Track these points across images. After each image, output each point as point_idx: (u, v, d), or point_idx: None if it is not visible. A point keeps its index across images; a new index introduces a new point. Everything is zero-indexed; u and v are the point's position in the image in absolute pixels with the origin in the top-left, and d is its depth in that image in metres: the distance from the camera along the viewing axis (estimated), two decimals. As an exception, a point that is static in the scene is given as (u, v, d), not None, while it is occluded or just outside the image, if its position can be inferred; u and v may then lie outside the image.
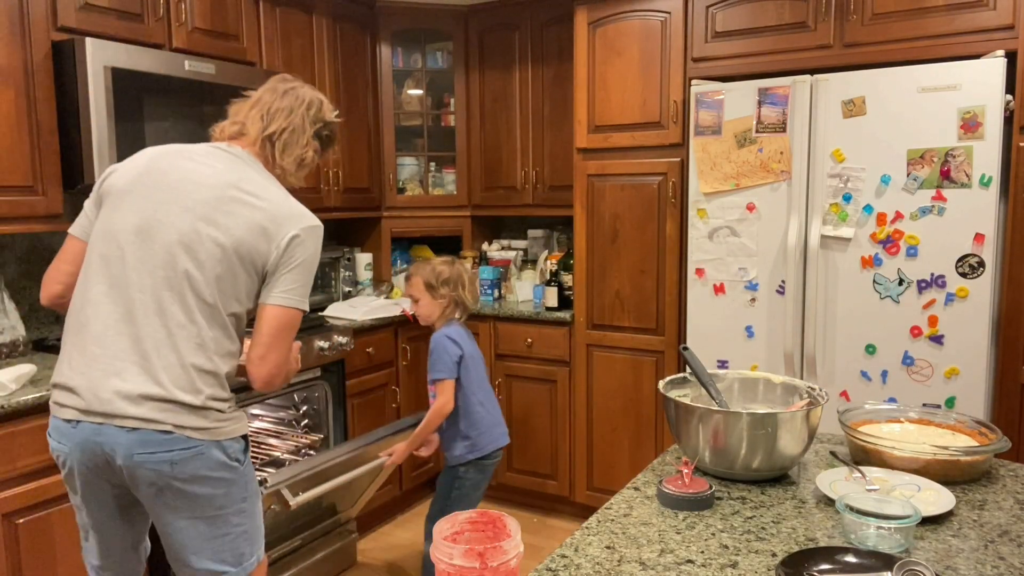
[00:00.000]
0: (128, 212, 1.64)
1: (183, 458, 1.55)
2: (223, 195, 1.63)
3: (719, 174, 2.89)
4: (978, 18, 2.50)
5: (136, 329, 1.56)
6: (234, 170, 1.69)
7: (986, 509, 1.32)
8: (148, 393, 1.53)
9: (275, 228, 1.63)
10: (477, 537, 0.94)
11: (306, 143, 1.79)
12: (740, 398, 1.67)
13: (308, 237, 1.67)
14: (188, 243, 1.59)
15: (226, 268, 1.60)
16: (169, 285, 1.57)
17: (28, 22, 2.29)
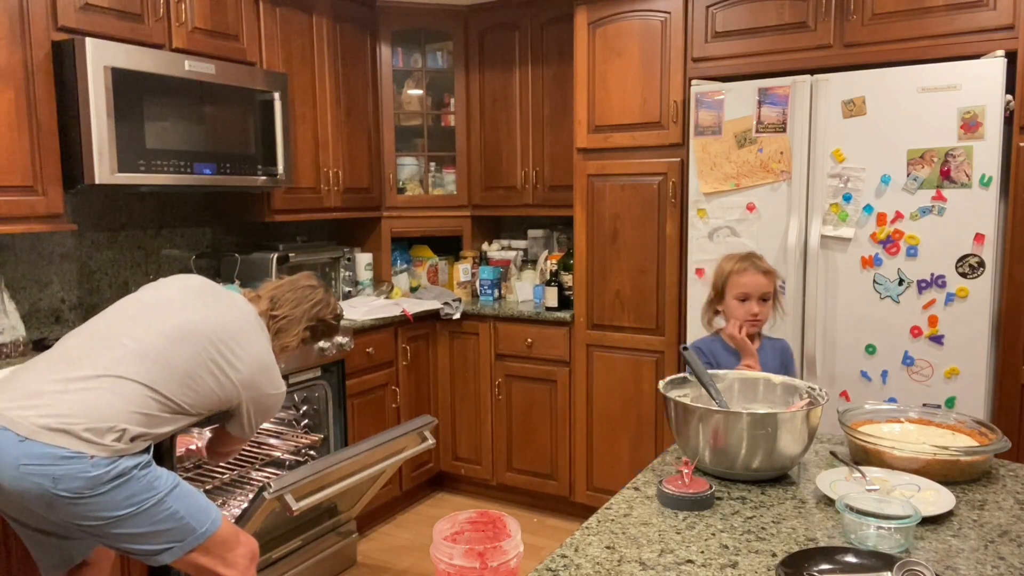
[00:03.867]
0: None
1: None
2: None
3: (719, 174, 2.89)
4: (978, 18, 2.50)
5: None
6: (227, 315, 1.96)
7: (986, 509, 1.32)
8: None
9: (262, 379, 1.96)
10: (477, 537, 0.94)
11: (296, 333, 2.05)
12: (740, 398, 1.67)
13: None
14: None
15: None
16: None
17: (28, 22, 2.29)
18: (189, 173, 2.65)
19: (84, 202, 2.82)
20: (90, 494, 1.64)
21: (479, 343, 3.65)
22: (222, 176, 2.77)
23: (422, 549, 3.24)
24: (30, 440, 1.62)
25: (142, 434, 1.72)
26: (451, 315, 3.64)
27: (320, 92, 3.39)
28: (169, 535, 1.73)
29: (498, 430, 3.67)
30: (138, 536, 1.71)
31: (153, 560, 1.74)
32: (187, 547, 1.75)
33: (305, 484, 2.36)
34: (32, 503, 1.65)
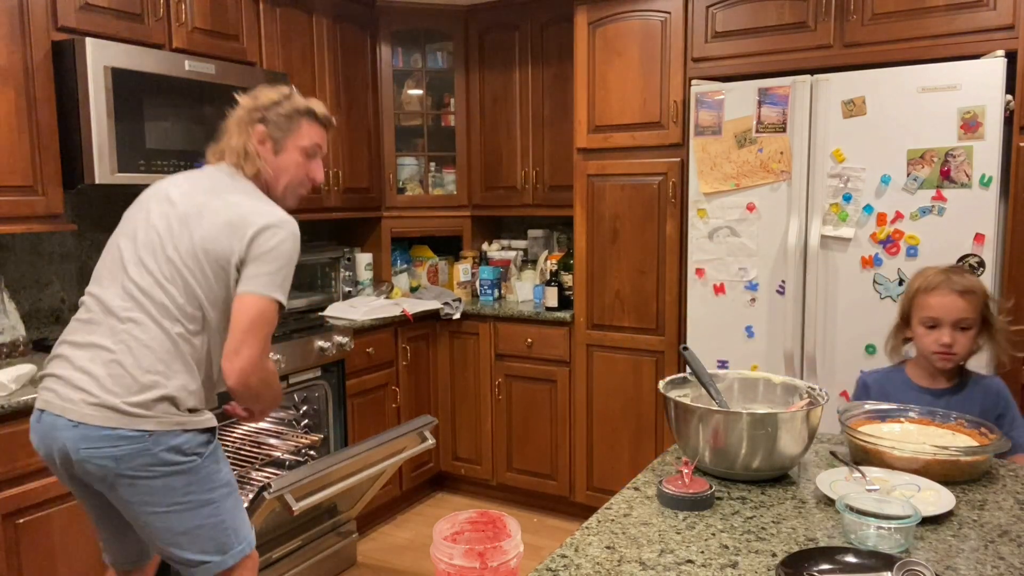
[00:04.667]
0: None
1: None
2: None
3: (719, 174, 2.89)
4: (978, 18, 2.50)
5: None
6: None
7: (986, 509, 1.32)
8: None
9: (242, 224, 1.72)
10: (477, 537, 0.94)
11: (242, 133, 1.82)
12: (740, 398, 1.67)
13: (275, 229, 1.73)
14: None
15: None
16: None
17: (28, 22, 2.29)
18: (189, 173, 2.65)
19: (84, 202, 2.82)
20: (147, 475, 1.62)
21: (479, 343, 3.65)
22: (222, 176, 2.77)
23: (422, 549, 3.24)
24: (82, 424, 1.61)
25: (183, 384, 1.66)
26: (451, 315, 3.64)
27: (320, 92, 3.39)
28: (210, 543, 1.69)
29: (498, 430, 3.67)
30: (183, 537, 1.67)
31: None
32: (224, 564, 1.71)
33: (305, 484, 2.36)
34: (99, 486, 1.65)
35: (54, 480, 2.10)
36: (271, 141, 1.81)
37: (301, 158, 1.84)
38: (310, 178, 1.88)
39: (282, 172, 1.83)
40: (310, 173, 1.88)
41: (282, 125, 1.82)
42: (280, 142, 1.82)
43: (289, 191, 1.86)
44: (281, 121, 1.81)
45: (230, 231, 1.68)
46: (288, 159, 1.83)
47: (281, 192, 1.84)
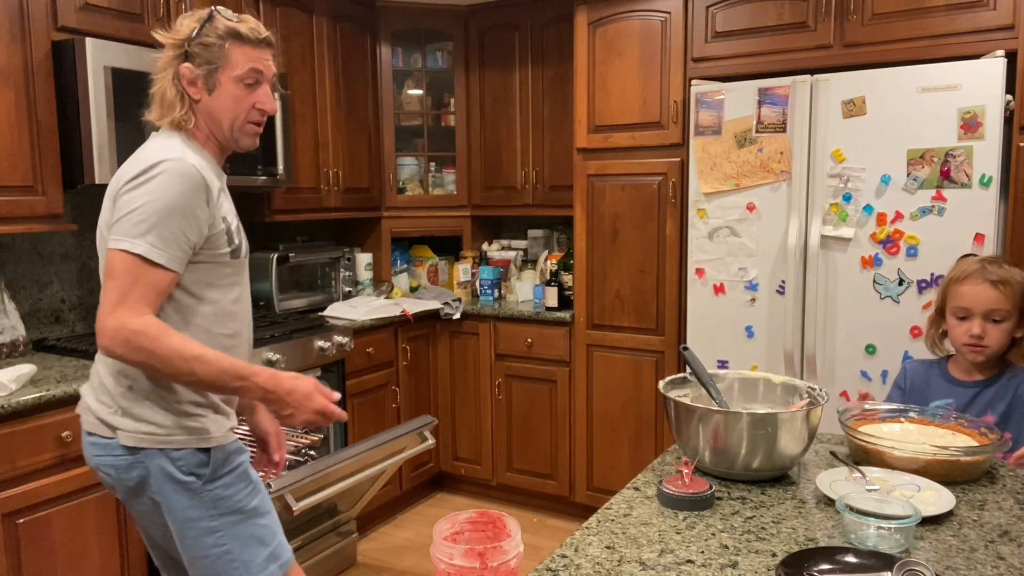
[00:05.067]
0: None
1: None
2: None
3: (719, 174, 2.89)
4: (978, 18, 2.50)
5: None
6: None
7: (986, 509, 1.32)
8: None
9: (120, 178, 1.49)
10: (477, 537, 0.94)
11: (161, 79, 1.56)
12: (740, 398, 1.67)
13: (143, 176, 1.45)
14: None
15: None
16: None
17: (28, 22, 2.29)
18: (189, 173, 2.65)
19: (84, 202, 2.82)
20: (146, 490, 1.52)
21: (479, 343, 3.65)
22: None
23: (422, 549, 3.24)
24: (86, 432, 1.58)
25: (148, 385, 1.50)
26: (451, 315, 3.64)
27: (320, 92, 3.39)
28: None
29: (498, 430, 3.67)
30: (191, 567, 1.56)
31: None
32: None
33: (305, 484, 2.36)
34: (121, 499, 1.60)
35: (54, 480, 2.10)
36: (201, 79, 1.54)
37: (240, 91, 1.57)
38: (258, 109, 1.62)
39: (222, 112, 1.57)
40: (257, 103, 1.61)
41: (208, 57, 1.54)
42: (211, 78, 1.55)
43: (237, 131, 1.60)
44: (206, 53, 1.53)
45: (109, 201, 1.50)
46: (224, 95, 1.56)
47: (228, 134, 1.60)
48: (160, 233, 1.41)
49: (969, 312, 1.75)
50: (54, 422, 2.09)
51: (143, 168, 1.44)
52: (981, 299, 1.73)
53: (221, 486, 1.54)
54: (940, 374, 1.85)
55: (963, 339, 1.76)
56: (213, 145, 1.61)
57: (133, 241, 1.40)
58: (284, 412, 1.51)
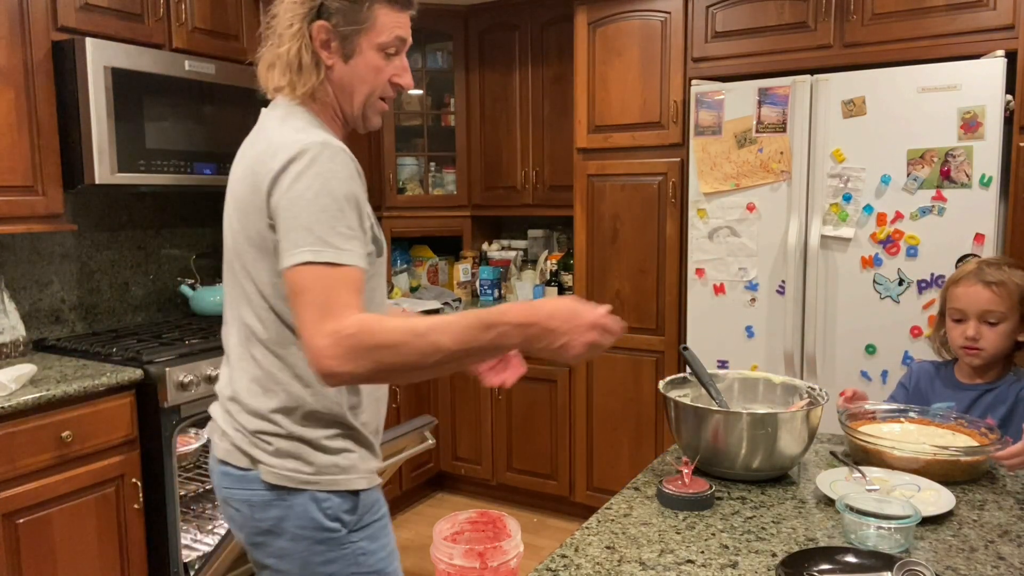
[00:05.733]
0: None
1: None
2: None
3: (719, 174, 2.89)
4: (978, 18, 2.50)
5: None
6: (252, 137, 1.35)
7: (986, 509, 1.32)
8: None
9: (261, 171, 1.24)
10: (477, 537, 0.94)
11: (291, 38, 1.30)
12: (740, 398, 1.67)
13: (295, 166, 1.20)
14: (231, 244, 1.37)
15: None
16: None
17: (28, 22, 2.29)
18: (189, 173, 2.65)
19: (84, 202, 2.82)
20: (279, 535, 1.29)
21: (479, 343, 3.64)
22: (222, 176, 2.76)
23: (422, 549, 3.24)
24: (217, 459, 1.36)
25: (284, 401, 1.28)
26: (451, 315, 3.63)
27: (320, 92, 3.38)
28: None
29: (498, 430, 3.66)
30: None
31: None
32: None
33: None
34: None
35: (54, 480, 2.10)
36: (338, 41, 1.30)
37: (380, 60, 1.34)
38: (394, 84, 1.38)
39: (358, 83, 1.34)
40: (394, 78, 1.38)
41: (351, 16, 1.30)
42: (351, 41, 1.31)
43: (369, 107, 1.37)
44: (348, 11, 1.29)
45: (251, 191, 1.25)
46: (363, 64, 1.33)
47: (358, 111, 1.37)
48: (338, 231, 1.17)
49: (964, 314, 1.74)
50: (54, 422, 2.09)
51: (291, 157, 1.19)
52: (975, 300, 1.71)
53: (366, 538, 1.32)
54: (945, 376, 1.84)
55: (959, 341, 1.75)
56: (339, 123, 1.38)
57: (315, 250, 1.15)
58: (556, 344, 1.13)
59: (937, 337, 1.87)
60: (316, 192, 1.17)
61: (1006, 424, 1.74)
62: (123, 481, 2.28)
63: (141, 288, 3.05)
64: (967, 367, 1.80)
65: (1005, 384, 1.75)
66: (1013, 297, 1.69)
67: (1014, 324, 1.70)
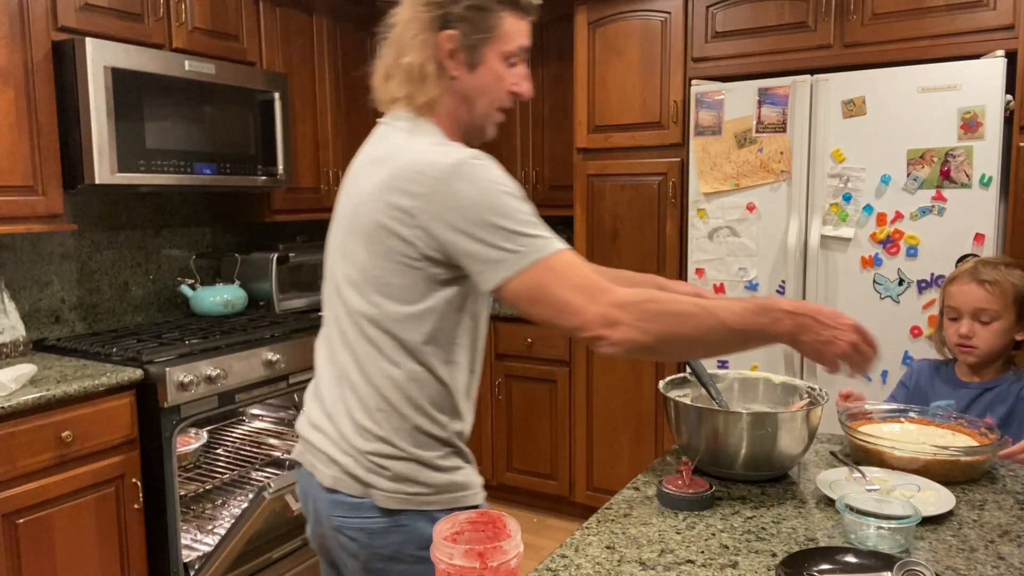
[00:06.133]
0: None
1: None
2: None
3: (719, 174, 2.89)
4: (978, 18, 2.50)
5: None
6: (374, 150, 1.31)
7: (986, 509, 1.32)
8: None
9: (411, 190, 1.18)
10: (477, 537, 0.93)
11: (416, 48, 1.26)
12: (740, 398, 1.67)
13: (459, 182, 1.16)
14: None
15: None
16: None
17: (28, 22, 2.29)
18: (189, 173, 2.65)
19: (84, 202, 2.82)
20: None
21: (479, 343, 3.65)
22: (222, 176, 2.77)
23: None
24: (323, 488, 1.29)
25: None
26: (451, 315, 3.63)
27: (320, 92, 3.39)
28: None
29: (498, 430, 3.66)
30: None
31: None
32: None
33: (305, 484, 2.35)
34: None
35: (54, 480, 2.10)
36: (464, 51, 1.26)
37: (504, 69, 1.29)
38: (513, 93, 1.32)
39: (480, 94, 1.29)
40: (513, 87, 1.31)
41: (478, 24, 1.25)
42: (477, 50, 1.26)
43: (488, 118, 1.33)
44: (477, 20, 1.25)
45: (390, 214, 1.19)
46: (487, 74, 1.28)
47: (479, 121, 1.32)
48: (535, 223, 1.16)
49: (958, 312, 1.75)
50: (54, 422, 2.09)
51: (448, 173, 1.15)
52: (969, 299, 1.73)
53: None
54: (945, 374, 1.84)
55: (954, 339, 1.77)
56: (459, 135, 1.31)
57: (530, 248, 1.14)
58: (823, 337, 1.16)
59: (938, 336, 1.88)
60: (495, 197, 1.15)
61: (1006, 423, 1.74)
62: (123, 481, 2.28)
63: (141, 288, 3.05)
64: (965, 365, 1.81)
65: (1005, 383, 1.76)
66: (1007, 296, 1.70)
67: (1009, 323, 1.72)
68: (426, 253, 1.18)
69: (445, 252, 1.17)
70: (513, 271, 1.13)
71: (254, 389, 2.62)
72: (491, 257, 1.14)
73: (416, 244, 1.18)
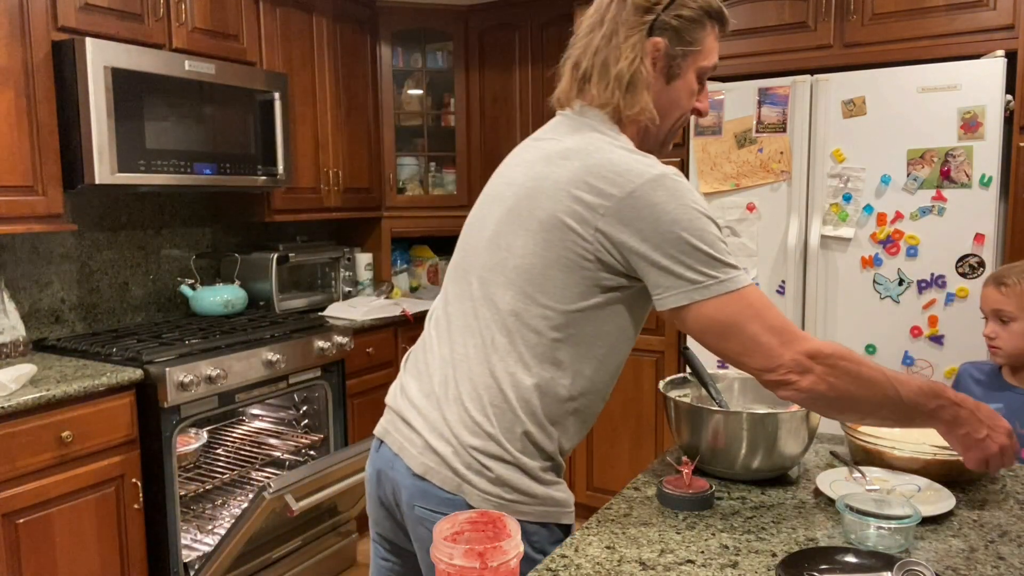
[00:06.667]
0: None
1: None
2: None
3: (719, 174, 2.89)
4: (978, 18, 2.50)
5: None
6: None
7: (986, 509, 1.32)
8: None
9: (603, 190, 1.15)
10: (477, 537, 0.93)
11: (629, 50, 1.20)
12: (740, 398, 1.67)
13: (660, 194, 1.12)
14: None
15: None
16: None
17: (28, 22, 2.29)
18: (189, 173, 2.65)
19: (84, 202, 2.82)
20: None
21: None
22: (222, 176, 2.77)
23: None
24: (414, 474, 1.23)
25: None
26: (451, 315, 3.63)
27: (320, 92, 3.39)
28: None
29: (498, 430, 3.66)
30: None
31: None
32: None
33: (305, 484, 2.36)
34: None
35: (54, 480, 2.10)
36: (666, 61, 1.22)
37: (696, 84, 1.26)
38: (695, 110, 1.30)
39: (672, 106, 1.26)
40: (700, 104, 1.29)
41: (686, 35, 1.22)
42: (678, 62, 1.23)
43: (672, 134, 1.30)
44: (685, 30, 1.21)
45: (571, 210, 1.16)
46: (683, 88, 1.25)
47: (664, 135, 1.29)
48: (729, 252, 1.15)
49: (984, 313, 1.82)
50: (54, 422, 2.10)
51: (649, 184, 1.12)
52: (988, 300, 1.80)
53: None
54: (993, 378, 1.86)
55: (985, 339, 1.82)
56: (643, 147, 1.25)
57: (725, 279, 1.12)
58: (979, 435, 1.21)
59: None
60: (696, 218, 1.12)
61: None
62: (123, 481, 2.28)
63: (141, 288, 3.05)
64: (1008, 368, 1.84)
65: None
66: (1022, 298, 1.74)
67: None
68: (599, 256, 1.15)
69: (624, 259, 1.14)
70: (705, 297, 1.11)
71: (254, 389, 2.63)
72: (684, 276, 1.11)
73: (592, 243, 1.14)
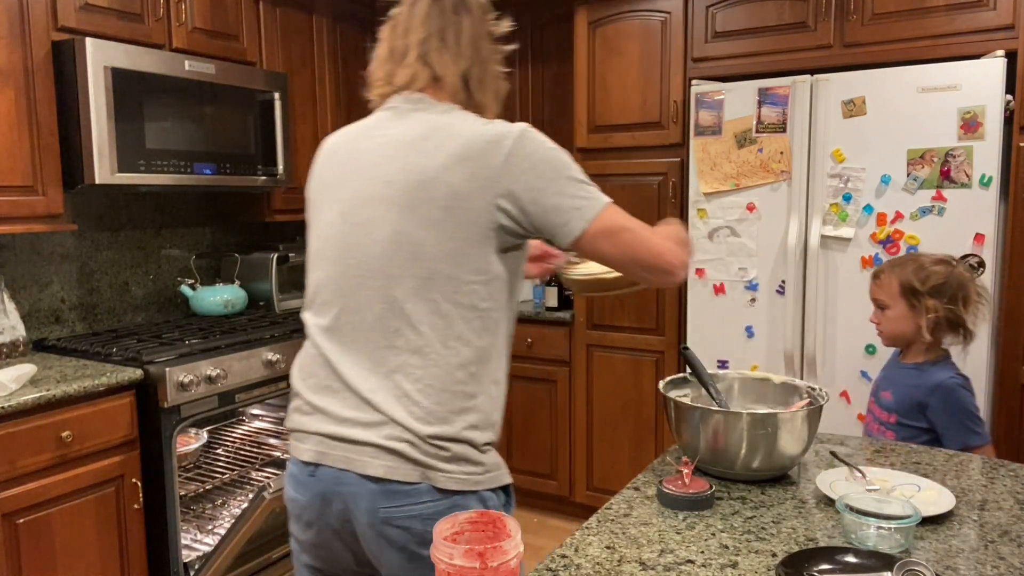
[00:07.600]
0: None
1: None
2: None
3: (719, 174, 2.89)
4: (978, 18, 2.50)
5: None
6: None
7: (986, 509, 1.32)
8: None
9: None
10: (477, 537, 0.93)
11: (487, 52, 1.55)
12: (740, 398, 1.67)
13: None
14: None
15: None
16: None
17: (28, 22, 2.29)
18: (189, 173, 2.65)
19: (84, 202, 2.82)
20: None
21: (479, 343, 3.65)
22: (222, 176, 2.77)
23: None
24: (370, 478, 1.25)
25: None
26: (451, 315, 3.63)
27: (320, 92, 3.39)
28: None
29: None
30: None
31: None
32: None
33: (305, 484, 2.35)
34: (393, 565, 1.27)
35: (54, 480, 2.10)
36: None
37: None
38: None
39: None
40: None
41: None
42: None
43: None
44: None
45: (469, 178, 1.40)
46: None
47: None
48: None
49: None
50: (54, 422, 2.10)
51: (515, 139, 1.43)
52: (870, 292, 2.04)
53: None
54: (895, 358, 2.06)
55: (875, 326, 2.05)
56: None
57: (600, 193, 1.32)
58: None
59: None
60: (560, 154, 1.38)
61: (923, 408, 1.88)
62: (123, 481, 2.28)
63: (141, 288, 3.05)
64: (903, 351, 2.03)
65: (925, 373, 1.93)
66: (892, 288, 1.96)
67: (902, 311, 1.94)
68: (500, 221, 1.26)
69: (525, 213, 1.27)
70: (595, 213, 1.27)
71: (254, 389, 2.62)
72: (574, 206, 1.27)
73: (492, 211, 1.27)
